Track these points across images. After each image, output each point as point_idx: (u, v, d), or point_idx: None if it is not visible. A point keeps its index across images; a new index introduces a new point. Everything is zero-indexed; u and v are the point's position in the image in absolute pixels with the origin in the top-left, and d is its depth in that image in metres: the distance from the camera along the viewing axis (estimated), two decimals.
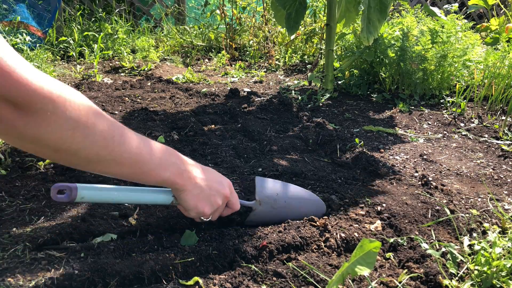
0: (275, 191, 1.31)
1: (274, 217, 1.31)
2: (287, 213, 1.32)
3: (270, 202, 1.29)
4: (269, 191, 1.30)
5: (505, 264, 1.04)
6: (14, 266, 1.05)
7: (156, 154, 0.91)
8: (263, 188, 1.30)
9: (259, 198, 1.27)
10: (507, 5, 5.36)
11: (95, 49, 3.70)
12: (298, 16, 2.87)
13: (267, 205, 1.28)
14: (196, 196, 1.02)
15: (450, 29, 2.79)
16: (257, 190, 1.28)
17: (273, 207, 1.30)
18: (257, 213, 1.28)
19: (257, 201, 1.27)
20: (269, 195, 1.29)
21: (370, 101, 2.92)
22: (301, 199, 1.37)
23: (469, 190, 1.62)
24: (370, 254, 0.86)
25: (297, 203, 1.35)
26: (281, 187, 1.35)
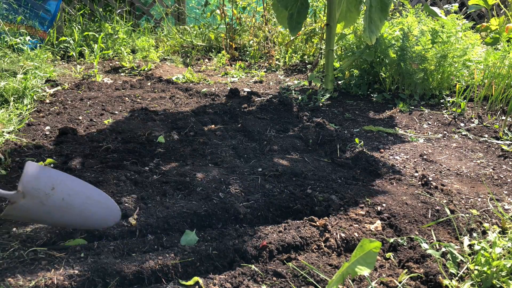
0: (51, 184, 1.07)
1: (45, 216, 1.10)
2: (63, 214, 1.10)
3: (41, 196, 1.06)
4: (41, 182, 1.06)
5: (505, 264, 1.04)
6: (14, 266, 1.05)
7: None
8: (33, 177, 1.05)
9: (23, 188, 1.04)
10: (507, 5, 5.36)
11: (95, 49, 3.70)
12: (300, 16, 2.87)
13: (36, 200, 1.05)
14: None
15: (450, 29, 2.79)
16: (23, 179, 1.04)
17: (43, 203, 1.07)
18: (17, 207, 1.05)
19: (19, 192, 1.04)
20: (41, 188, 1.06)
21: (370, 101, 2.92)
22: (88, 199, 1.15)
23: (469, 190, 1.62)
24: (370, 254, 0.86)
25: (80, 203, 1.13)
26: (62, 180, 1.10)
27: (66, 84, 2.94)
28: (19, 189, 1.04)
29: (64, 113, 2.37)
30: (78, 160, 1.73)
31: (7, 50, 3.15)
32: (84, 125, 2.22)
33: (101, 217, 1.18)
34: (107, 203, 1.19)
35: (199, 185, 1.55)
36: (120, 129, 2.13)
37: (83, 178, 1.55)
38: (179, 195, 1.51)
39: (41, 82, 2.86)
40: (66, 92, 2.78)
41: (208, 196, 1.48)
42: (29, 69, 2.90)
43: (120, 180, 1.57)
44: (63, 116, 2.31)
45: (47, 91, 2.73)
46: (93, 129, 2.17)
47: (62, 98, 2.64)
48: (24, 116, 2.25)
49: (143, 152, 1.87)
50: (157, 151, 1.89)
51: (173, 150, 1.91)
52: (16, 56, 3.09)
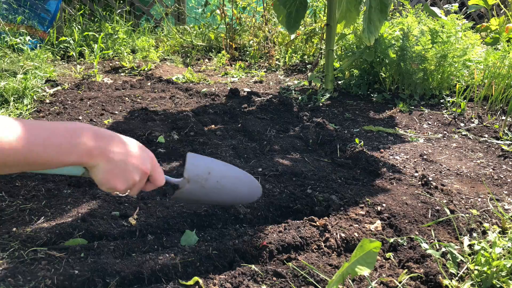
0: (207, 170, 1.23)
1: (204, 197, 1.25)
2: (219, 193, 1.26)
3: (200, 181, 1.21)
4: (200, 169, 1.22)
5: (505, 264, 1.04)
6: (14, 266, 1.05)
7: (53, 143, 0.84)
8: (194, 165, 1.21)
9: (187, 175, 1.19)
10: (507, 5, 5.36)
11: (95, 49, 3.70)
12: (299, 15, 2.87)
13: (197, 184, 1.20)
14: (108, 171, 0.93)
15: (450, 29, 2.79)
16: (187, 167, 1.19)
17: (203, 186, 1.21)
18: (184, 191, 1.20)
19: (185, 178, 1.18)
20: (200, 174, 1.21)
21: (370, 101, 2.92)
22: (236, 179, 1.30)
23: (469, 190, 1.62)
24: (370, 254, 0.86)
25: (230, 184, 1.28)
26: (215, 166, 1.27)
27: (66, 84, 2.94)
28: (185, 176, 1.19)
29: (64, 113, 2.37)
30: None
31: (7, 50, 3.15)
32: None
33: (247, 194, 1.32)
34: (251, 182, 1.33)
35: None
36: (120, 129, 2.13)
37: (83, 178, 1.56)
38: None
39: (41, 82, 2.86)
40: (66, 92, 2.78)
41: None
42: (29, 69, 2.90)
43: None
44: (63, 116, 2.31)
45: (47, 91, 2.73)
46: None
47: (62, 98, 2.64)
48: (24, 116, 2.25)
49: None
50: (157, 151, 1.89)
51: (173, 150, 1.91)
52: (16, 56, 3.09)
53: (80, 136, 0.88)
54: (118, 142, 0.96)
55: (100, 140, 0.92)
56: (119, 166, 0.94)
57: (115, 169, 0.94)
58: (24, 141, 0.79)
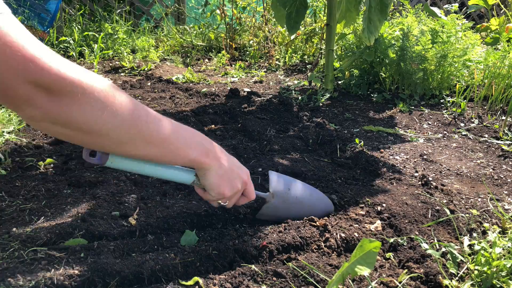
0: (287, 186, 1.33)
1: (285, 212, 1.32)
2: (297, 209, 1.33)
3: (283, 196, 1.30)
4: (282, 185, 1.31)
5: (505, 264, 1.04)
6: (14, 266, 1.05)
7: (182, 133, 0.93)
8: (276, 181, 1.31)
9: (273, 190, 1.28)
10: (507, 5, 5.36)
11: (95, 49, 3.70)
12: (299, 16, 2.87)
13: (280, 199, 1.29)
14: (219, 176, 1.02)
15: (450, 29, 2.79)
16: (271, 183, 1.29)
17: (284, 201, 1.30)
18: (270, 205, 1.29)
19: (270, 193, 1.28)
20: (282, 189, 1.30)
21: (370, 101, 2.92)
22: (311, 196, 1.38)
23: (469, 190, 1.62)
24: (370, 254, 0.86)
25: (307, 200, 1.36)
26: (293, 183, 1.36)
27: None
28: (270, 190, 1.29)
29: None
30: (78, 160, 1.73)
31: None
32: None
33: (321, 209, 1.39)
34: (324, 199, 1.41)
35: None
36: None
37: (83, 178, 1.56)
38: (179, 195, 1.51)
39: None
40: None
41: None
42: None
43: (120, 180, 1.57)
44: None
45: None
46: None
47: None
48: None
49: None
50: None
51: None
52: None
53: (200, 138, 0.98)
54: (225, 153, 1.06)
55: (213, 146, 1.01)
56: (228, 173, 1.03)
57: (225, 175, 1.03)
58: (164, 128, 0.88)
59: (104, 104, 0.78)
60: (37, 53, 0.70)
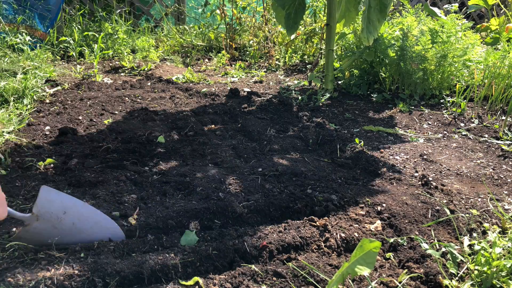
0: (63, 209, 1.12)
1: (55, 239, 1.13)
2: (72, 237, 1.14)
3: (52, 220, 1.10)
4: (54, 207, 1.10)
5: (505, 264, 1.04)
6: (14, 266, 1.05)
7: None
8: (47, 201, 1.10)
9: (37, 211, 1.08)
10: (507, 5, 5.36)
11: (95, 49, 3.70)
12: (298, 16, 2.87)
13: (48, 223, 1.09)
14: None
15: (450, 29, 2.79)
16: (38, 202, 1.08)
17: (55, 227, 1.10)
18: (31, 229, 1.09)
19: (33, 214, 1.08)
20: (53, 212, 1.10)
21: (370, 101, 2.92)
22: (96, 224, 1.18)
23: (469, 190, 1.62)
24: (370, 254, 0.86)
25: (89, 228, 1.16)
26: (72, 205, 1.15)
27: (66, 84, 2.94)
28: (34, 211, 1.07)
29: (64, 113, 2.37)
30: (78, 160, 1.73)
31: (7, 50, 3.15)
32: (84, 125, 2.22)
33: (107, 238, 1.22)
34: (114, 229, 1.22)
35: (199, 185, 1.55)
36: (120, 129, 2.13)
37: (83, 178, 1.56)
38: (179, 195, 1.51)
39: (41, 82, 2.86)
40: (66, 92, 2.78)
41: (208, 196, 1.48)
42: (29, 69, 2.90)
43: (120, 180, 1.57)
44: (63, 116, 2.31)
45: (47, 91, 2.73)
46: (93, 129, 2.17)
47: (62, 98, 2.64)
48: (24, 116, 2.25)
49: (143, 152, 1.87)
50: (157, 151, 1.89)
51: (173, 150, 1.91)
52: (16, 56, 3.09)
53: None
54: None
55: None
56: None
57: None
58: None
59: None
60: None
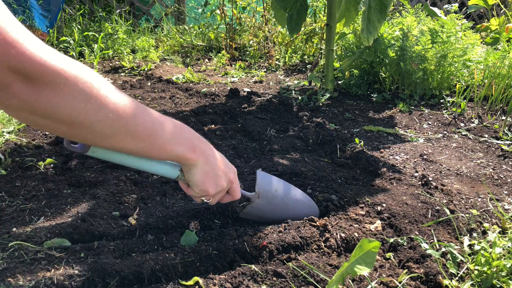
0: (274, 187, 1.30)
1: (270, 214, 1.30)
2: (282, 211, 1.31)
3: (268, 197, 1.27)
4: (268, 186, 1.28)
5: (505, 264, 1.04)
6: (14, 266, 1.05)
7: (170, 128, 0.90)
8: (263, 182, 1.28)
9: (258, 190, 1.25)
10: (507, 5, 5.36)
11: (95, 49, 3.70)
12: (300, 17, 2.87)
13: (265, 200, 1.27)
14: (205, 173, 1.00)
15: (450, 29, 2.79)
16: (258, 183, 1.26)
17: (270, 203, 1.28)
18: (254, 205, 1.27)
19: (256, 193, 1.25)
20: (268, 190, 1.28)
21: (370, 101, 2.92)
22: (298, 200, 1.35)
23: (469, 190, 1.62)
24: (370, 254, 0.86)
25: (293, 203, 1.33)
26: (280, 185, 1.33)
27: None
28: (256, 190, 1.25)
29: None
30: (78, 160, 1.73)
31: None
32: None
33: (306, 213, 1.35)
34: (310, 203, 1.38)
35: None
36: None
37: (83, 178, 1.56)
38: (179, 195, 1.51)
39: None
40: None
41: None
42: None
43: (120, 180, 1.57)
44: None
45: None
46: None
47: None
48: None
49: None
50: None
51: None
52: None
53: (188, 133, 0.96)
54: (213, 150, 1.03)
55: (201, 142, 0.99)
56: (214, 170, 1.01)
57: (211, 172, 1.00)
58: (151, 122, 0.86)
59: (88, 96, 0.74)
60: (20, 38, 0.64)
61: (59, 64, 0.70)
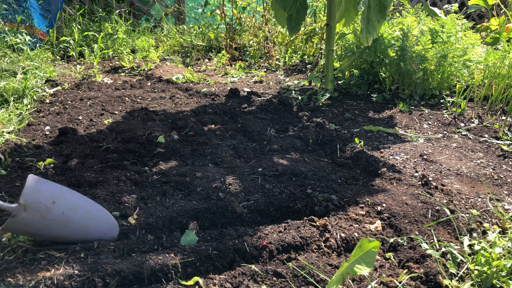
0: (52, 198, 1.08)
1: (45, 230, 1.10)
2: (63, 228, 1.11)
3: (41, 210, 1.06)
4: (43, 196, 1.07)
5: (505, 264, 1.04)
6: (14, 266, 1.05)
7: None
8: (34, 190, 1.07)
9: (25, 201, 1.04)
10: (507, 5, 5.36)
11: (95, 49, 3.70)
12: (299, 17, 2.87)
13: (36, 213, 1.06)
14: None
15: (450, 29, 2.79)
16: (25, 192, 1.05)
17: (44, 217, 1.07)
18: (19, 220, 1.05)
19: (20, 205, 1.04)
20: (42, 201, 1.06)
21: (370, 101, 2.92)
22: (87, 214, 1.15)
23: (469, 190, 1.62)
24: (369, 254, 0.86)
25: (80, 219, 1.13)
26: (62, 195, 1.11)
27: (66, 84, 2.94)
28: (21, 201, 1.04)
29: (64, 113, 2.37)
30: (78, 160, 1.73)
31: (7, 50, 3.15)
32: (84, 125, 2.22)
33: (100, 232, 1.17)
34: (106, 218, 1.18)
35: (199, 185, 1.55)
36: (120, 129, 2.13)
37: (83, 178, 1.56)
38: (179, 195, 1.51)
39: (41, 82, 2.86)
40: (66, 92, 2.78)
41: (208, 196, 1.48)
42: (29, 69, 2.90)
43: (120, 180, 1.57)
44: (63, 116, 2.31)
45: (47, 91, 2.73)
46: (93, 129, 2.17)
47: (62, 98, 2.64)
48: (24, 116, 2.25)
49: (143, 152, 1.87)
50: (157, 151, 1.89)
51: (173, 150, 1.91)
52: (16, 56, 3.09)
53: None
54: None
55: None
56: None
57: None
58: None
59: None
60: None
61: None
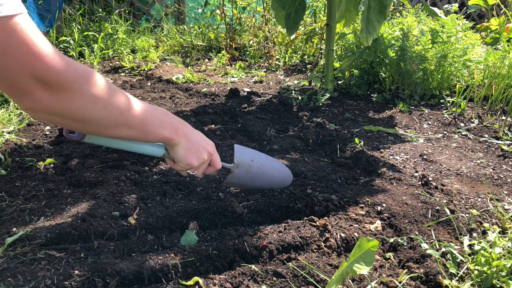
0: (251, 157, 1.46)
1: (249, 181, 1.49)
2: (260, 178, 1.49)
3: (246, 166, 1.44)
4: (245, 157, 1.45)
5: (505, 264, 1.04)
6: (14, 266, 1.05)
7: (157, 116, 1.06)
8: (240, 154, 1.45)
9: (236, 161, 1.42)
10: (507, 5, 5.36)
11: (95, 49, 3.70)
12: (298, 16, 2.87)
13: (243, 169, 1.44)
14: (186, 149, 1.15)
15: (450, 29, 2.79)
16: (236, 155, 1.43)
17: (248, 171, 1.45)
18: (234, 175, 1.43)
19: (235, 164, 1.42)
20: (245, 160, 1.44)
21: (370, 101, 2.92)
22: (273, 168, 1.54)
23: (469, 190, 1.62)
24: (369, 253, 0.86)
25: (269, 170, 1.52)
26: (255, 155, 1.50)
27: None
28: (235, 161, 1.42)
29: None
30: (78, 160, 1.73)
31: None
32: None
33: (281, 180, 1.56)
34: (284, 171, 1.58)
35: (199, 185, 1.56)
36: None
37: (83, 178, 1.56)
38: (179, 195, 1.51)
39: None
40: None
41: (208, 196, 1.48)
42: None
43: (120, 180, 1.57)
44: None
45: None
46: None
47: None
48: (24, 116, 2.25)
49: None
50: None
51: None
52: None
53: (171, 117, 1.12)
54: (192, 129, 1.19)
55: (181, 124, 1.15)
56: (194, 145, 1.17)
57: (192, 148, 1.16)
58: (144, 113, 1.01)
59: (97, 97, 0.88)
60: (45, 51, 0.77)
61: (75, 73, 0.84)
